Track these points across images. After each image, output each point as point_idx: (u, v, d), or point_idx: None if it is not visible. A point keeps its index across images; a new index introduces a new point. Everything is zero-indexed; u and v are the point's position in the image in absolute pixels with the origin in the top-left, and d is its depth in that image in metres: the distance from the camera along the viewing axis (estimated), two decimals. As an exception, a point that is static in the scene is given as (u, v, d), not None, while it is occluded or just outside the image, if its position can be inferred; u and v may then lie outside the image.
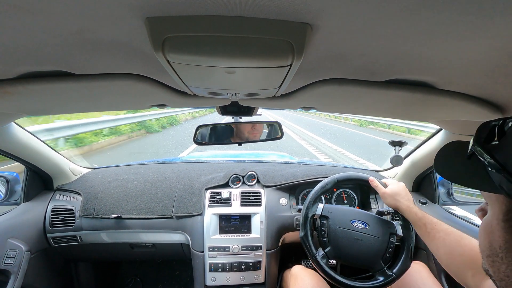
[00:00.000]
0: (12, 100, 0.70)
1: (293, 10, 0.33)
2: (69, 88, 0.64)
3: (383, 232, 1.04)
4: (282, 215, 1.36)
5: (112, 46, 0.45)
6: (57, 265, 1.46)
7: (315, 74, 0.60)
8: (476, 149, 0.38)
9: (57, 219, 1.35)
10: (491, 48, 0.39)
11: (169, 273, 1.96)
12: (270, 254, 1.31)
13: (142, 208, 1.37)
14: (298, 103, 0.88)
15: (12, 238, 1.19)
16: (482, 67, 0.47)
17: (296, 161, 1.89)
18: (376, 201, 1.48)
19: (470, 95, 0.63)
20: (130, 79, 0.61)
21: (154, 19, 0.35)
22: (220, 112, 1.03)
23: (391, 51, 0.45)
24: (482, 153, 0.37)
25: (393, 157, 1.26)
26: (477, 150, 0.38)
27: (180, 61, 0.43)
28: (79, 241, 1.38)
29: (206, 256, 1.28)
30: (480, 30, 0.34)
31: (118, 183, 1.46)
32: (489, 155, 0.36)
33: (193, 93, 0.73)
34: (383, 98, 0.70)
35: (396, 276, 0.98)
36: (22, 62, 0.51)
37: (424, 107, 0.76)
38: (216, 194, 1.40)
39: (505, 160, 0.34)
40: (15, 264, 1.15)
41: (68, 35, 0.40)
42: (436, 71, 0.53)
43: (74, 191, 1.43)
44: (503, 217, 0.36)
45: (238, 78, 0.54)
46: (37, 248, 1.29)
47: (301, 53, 0.41)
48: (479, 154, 0.37)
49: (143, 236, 1.39)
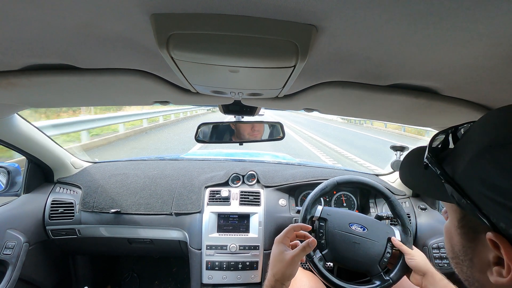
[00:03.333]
0: (16, 92, 0.70)
1: (298, 11, 0.33)
2: (73, 82, 0.64)
3: (382, 236, 1.04)
4: (280, 216, 1.36)
5: (117, 42, 0.45)
6: (55, 258, 1.47)
7: (318, 76, 0.60)
8: (429, 159, 0.40)
9: (57, 211, 1.35)
10: (496, 55, 0.39)
11: (166, 269, 1.96)
12: (268, 254, 1.31)
13: (141, 203, 1.38)
14: (301, 105, 0.88)
15: (11, 229, 1.19)
16: (487, 74, 0.47)
17: (297, 162, 1.89)
18: (376, 205, 1.48)
19: (474, 102, 0.63)
20: (134, 75, 0.61)
21: (159, 16, 0.35)
22: (223, 110, 1.03)
23: (396, 56, 0.44)
24: (434, 164, 0.38)
25: (394, 161, 1.26)
26: (430, 161, 0.39)
27: (185, 59, 0.43)
28: (77, 234, 1.38)
29: (203, 254, 1.28)
30: (485, 37, 0.34)
31: (118, 178, 1.46)
32: (439, 166, 0.37)
33: (196, 91, 0.73)
34: (387, 102, 0.70)
35: (393, 281, 0.98)
36: (27, 54, 0.51)
37: (427, 113, 0.75)
38: (216, 193, 1.40)
39: (453, 171, 0.36)
40: (13, 255, 1.15)
41: (73, 29, 0.40)
42: (440, 77, 0.53)
43: (74, 184, 1.44)
44: (458, 224, 0.38)
45: (241, 78, 0.54)
46: (36, 239, 1.30)
47: (305, 55, 0.40)
48: (431, 165, 0.39)
49: (141, 231, 1.39)
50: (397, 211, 1.09)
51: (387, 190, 1.14)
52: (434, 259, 1.21)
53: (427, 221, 1.35)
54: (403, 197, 1.48)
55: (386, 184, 1.53)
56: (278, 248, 0.71)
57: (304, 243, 0.69)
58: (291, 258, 0.67)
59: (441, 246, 1.23)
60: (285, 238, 0.75)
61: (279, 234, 0.76)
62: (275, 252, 0.71)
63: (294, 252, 0.68)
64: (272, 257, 0.72)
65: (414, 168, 0.46)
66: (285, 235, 0.75)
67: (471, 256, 0.36)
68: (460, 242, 0.38)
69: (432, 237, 1.27)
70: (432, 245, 1.24)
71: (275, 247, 0.72)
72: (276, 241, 0.74)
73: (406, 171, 0.49)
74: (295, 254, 0.68)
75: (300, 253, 0.68)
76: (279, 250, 0.70)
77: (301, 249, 0.68)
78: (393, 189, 1.49)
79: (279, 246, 0.72)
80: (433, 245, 1.24)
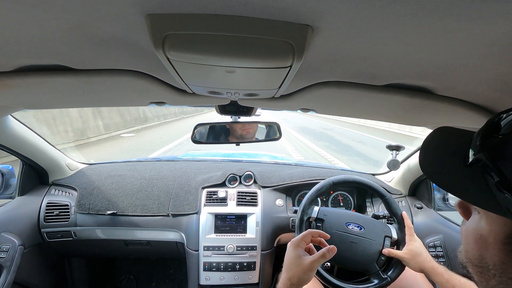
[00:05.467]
0: (10, 93, 0.69)
1: (294, 11, 0.33)
2: (68, 83, 0.63)
3: (378, 235, 1.05)
4: (278, 216, 1.36)
5: (112, 42, 0.45)
6: (50, 260, 1.45)
7: (315, 76, 0.60)
8: (482, 161, 0.32)
9: (52, 214, 1.34)
10: (490, 55, 0.39)
11: (163, 271, 1.95)
12: (265, 254, 1.31)
13: (138, 205, 1.37)
14: (297, 105, 0.88)
15: (6, 232, 1.18)
16: (481, 74, 0.47)
17: (293, 162, 1.89)
18: (372, 205, 1.49)
19: (469, 102, 0.63)
20: (129, 76, 0.61)
21: (155, 16, 0.35)
22: (219, 111, 1.03)
23: (392, 56, 0.45)
24: (490, 168, 0.30)
25: (390, 161, 1.27)
26: (484, 163, 0.31)
27: (180, 59, 0.43)
28: (73, 236, 1.37)
29: (200, 255, 1.27)
30: (479, 37, 0.35)
31: (114, 179, 1.45)
32: (498, 172, 0.30)
33: (192, 92, 0.73)
34: (382, 102, 0.70)
35: (391, 279, 0.98)
36: (21, 55, 0.51)
37: (422, 112, 0.76)
38: (213, 193, 1.40)
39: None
40: (8, 258, 1.14)
41: (68, 29, 0.39)
42: (435, 77, 0.53)
43: (69, 186, 1.42)
44: (505, 240, 0.32)
45: (237, 78, 0.54)
46: (31, 242, 1.28)
47: (301, 55, 0.41)
48: (485, 169, 0.31)
49: (138, 233, 1.38)
50: (393, 210, 1.09)
51: (383, 189, 1.15)
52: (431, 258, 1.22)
53: (423, 220, 1.36)
54: (399, 196, 1.49)
55: (382, 183, 1.54)
56: (295, 252, 0.68)
57: (325, 249, 0.67)
58: (309, 263, 0.65)
59: (437, 244, 1.24)
60: (302, 242, 0.71)
61: (295, 237, 0.73)
62: (292, 255, 0.68)
63: (313, 257, 0.66)
64: (288, 260, 0.69)
65: (445, 159, 0.37)
66: (302, 239, 0.71)
67: (511, 275, 0.32)
68: (500, 258, 0.33)
69: (429, 236, 1.28)
70: (428, 243, 1.25)
71: (291, 251, 0.69)
72: (292, 244, 0.71)
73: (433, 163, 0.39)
74: (314, 260, 0.65)
75: (319, 259, 0.66)
76: (296, 254, 0.68)
77: (320, 255, 0.66)
78: (389, 188, 1.50)
79: (296, 250, 0.68)
80: (429, 244, 1.25)
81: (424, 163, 0.39)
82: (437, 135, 0.41)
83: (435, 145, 0.40)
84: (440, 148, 0.39)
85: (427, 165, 0.39)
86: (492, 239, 0.33)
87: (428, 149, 0.40)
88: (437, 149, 0.40)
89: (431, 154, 0.40)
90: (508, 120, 0.32)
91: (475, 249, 0.36)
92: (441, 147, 0.39)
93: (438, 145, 0.40)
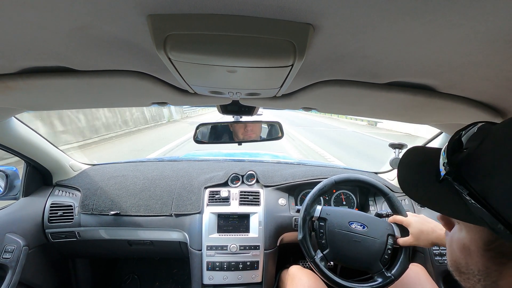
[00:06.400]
0: (13, 95, 0.70)
1: (295, 10, 0.33)
2: (70, 84, 0.64)
3: (382, 233, 1.04)
4: (280, 215, 1.36)
5: (114, 43, 0.45)
6: (55, 261, 1.46)
7: (316, 74, 0.60)
8: (451, 174, 0.34)
9: (56, 214, 1.35)
10: (492, 52, 0.39)
11: (166, 271, 1.96)
12: (268, 254, 1.31)
13: (141, 205, 1.37)
14: (299, 104, 0.88)
15: (10, 232, 1.19)
16: (483, 71, 0.47)
17: (296, 161, 1.89)
18: (375, 203, 1.48)
19: (471, 99, 0.63)
20: (131, 76, 0.61)
21: (156, 17, 0.35)
22: (221, 111, 1.03)
23: (393, 54, 0.44)
24: (459, 181, 0.33)
25: (392, 159, 1.26)
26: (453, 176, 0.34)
27: (182, 59, 0.43)
28: (77, 237, 1.38)
29: (204, 254, 1.28)
30: (481, 34, 0.34)
31: (117, 180, 1.46)
32: (466, 184, 0.32)
33: (194, 92, 0.73)
34: (384, 100, 0.70)
35: (394, 277, 0.98)
36: (23, 57, 0.51)
37: (424, 110, 0.76)
38: (215, 193, 1.40)
39: (485, 190, 0.31)
40: (13, 258, 1.15)
41: (70, 31, 0.40)
42: (437, 74, 0.53)
43: (73, 187, 1.43)
44: (484, 247, 0.34)
45: (239, 77, 0.54)
46: (35, 243, 1.29)
47: (303, 54, 0.41)
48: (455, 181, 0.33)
49: (141, 233, 1.39)
50: (396, 207, 1.09)
51: (386, 187, 1.14)
52: (434, 256, 1.21)
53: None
54: (402, 194, 1.49)
55: (385, 181, 1.53)
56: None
57: None
58: None
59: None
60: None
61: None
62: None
63: None
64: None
65: (420, 178, 0.40)
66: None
67: (495, 279, 0.34)
68: (484, 263, 0.34)
69: None
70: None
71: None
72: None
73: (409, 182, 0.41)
74: None
75: None
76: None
77: None
78: (392, 187, 1.49)
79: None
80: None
81: (402, 182, 0.42)
82: (410, 155, 0.44)
83: (410, 164, 0.43)
84: (414, 167, 0.42)
85: (405, 184, 0.42)
86: (474, 247, 0.35)
87: (403, 169, 0.43)
88: (412, 168, 0.42)
89: (407, 173, 0.43)
90: (468, 136, 0.35)
91: (460, 257, 0.38)
92: (414, 166, 0.42)
93: (412, 165, 0.43)
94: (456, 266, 0.39)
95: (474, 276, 0.36)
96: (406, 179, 0.42)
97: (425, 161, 0.41)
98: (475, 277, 0.36)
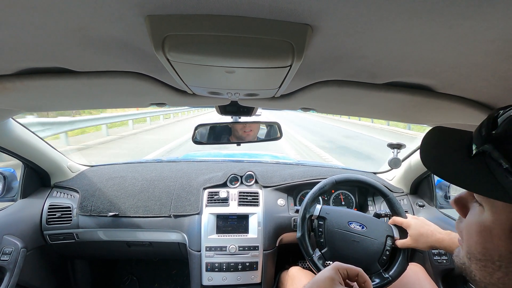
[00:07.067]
0: (10, 96, 0.70)
1: (293, 10, 0.33)
2: (68, 85, 0.63)
3: (380, 234, 1.05)
4: (279, 216, 1.36)
5: (112, 44, 0.45)
6: (53, 263, 1.46)
7: (315, 75, 0.60)
8: (489, 150, 0.33)
9: (54, 216, 1.34)
10: (490, 52, 0.39)
11: (165, 272, 1.95)
12: (267, 254, 1.31)
13: (139, 206, 1.37)
14: (298, 104, 0.88)
15: (8, 234, 1.18)
16: (481, 71, 0.47)
17: (295, 161, 1.89)
18: (374, 203, 1.48)
19: (469, 99, 0.63)
20: (129, 77, 0.61)
21: (154, 17, 0.35)
22: (220, 111, 1.03)
23: (391, 54, 0.45)
24: (497, 156, 0.32)
25: (391, 159, 1.26)
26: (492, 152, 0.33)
27: (180, 60, 0.43)
28: (75, 238, 1.37)
29: (203, 255, 1.27)
30: (479, 34, 0.35)
31: (115, 181, 1.45)
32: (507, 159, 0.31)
33: (192, 92, 0.73)
34: (383, 100, 0.70)
35: (392, 278, 0.98)
36: (21, 58, 0.51)
37: (423, 110, 0.76)
38: (214, 194, 1.40)
39: None
40: (11, 260, 1.14)
41: (67, 32, 0.39)
42: (435, 75, 0.53)
43: (71, 188, 1.43)
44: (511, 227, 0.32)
45: (237, 78, 0.54)
46: (33, 245, 1.29)
47: (301, 54, 0.41)
48: (493, 157, 0.32)
49: (140, 234, 1.39)
50: (395, 209, 1.09)
51: (385, 188, 1.14)
52: (433, 255, 1.22)
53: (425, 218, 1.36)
54: (401, 194, 1.49)
55: (384, 182, 1.54)
56: (334, 277, 0.61)
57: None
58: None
59: None
60: (345, 271, 0.64)
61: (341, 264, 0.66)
62: (328, 276, 0.61)
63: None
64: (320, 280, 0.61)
65: (449, 154, 0.38)
66: (347, 269, 0.64)
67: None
68: (508, 248, 0.33)
69: None
70: None
71: (330, 273, 0.62)
72: (334, 267, 0.63)
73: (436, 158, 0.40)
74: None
75: None
76: (333, 277, 0.61)
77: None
78: (391, 187, 1.50)
79: (335, 276, 0.61)
80: None
81: (427, 161, 0.40)
82: (435, 134, 0.43)
83: (435, 142, 0.42)
84: (441, 145, 0.40)
85: (431, 162, 0.40)
86: (497, 229, 0.34)
87: (428, 147, 0.42)
88: (438, 146, 0.41)
89: (432, 152, 0.41)
90: (506, 116, 0.34)
91: (478, 242, 0.36)
92: (441, 144, 0.41)
93: (438, 143, 0.41)
94: (472, 253, 0.38)
95: (493, 263, 0.34)
96: (432, 156, 0.40)
97: (452, 138, 0.40)
98: (494, 263, 0.34)
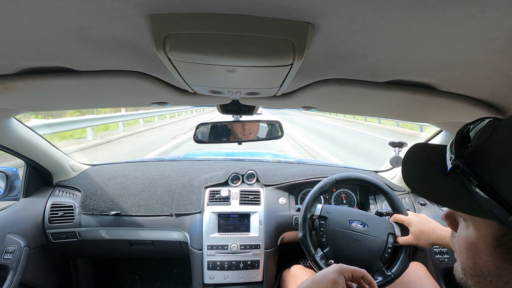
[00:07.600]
0: (13, 96, 0.70)
1: (294, 9, 0.33)
2: (70, 85, 0.64)
3: (382, 232, 1.05)
4: (281, 215, 1.37)
5: (113, 43, 0.45)
6: (55, 261, 1.46)
7: (316, 74, 0.60)
8: (460, 167, 0.33)
9: (56, 215, 1.35)
10: (492, 50, 0.39)
11: (167, 270, 1.96)
12: (269, 253, 1.31)
13: (141, 205, 1.38)
14: (299, 103, 0.88)
15: (11, 233, 1.19)
16: (483, 69, 0.47)
17: (296, 160, 1.89)
18: (375, 202, 1.48)
19: (471, 97, 0.63)
20: (131, 77, 0.61)
21: (155, 17, 0.35)
22: (221, 110, 1.03)
23: (393, 52, 0.44)
24: (468, 173, 0.32)
25: (393, 158, 1.26)
26: (462, 169, 0.33)
27: (182, 59, 0.43)
28: (78, 237, 1.38)
29: (204, 254, 1.28)
30: (481, 33, 0.34)
31: (117, 180, 1.46)
32: (476, 176, 0.31)
33: (193, 91, 0.73)
34: (384, 98, 0.70)
35: (394, 276, 0.98)
36: (23, 58, 0.51)
37: (424, 109, 0.76)
38: (216, 193, 1.40)
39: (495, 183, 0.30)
40: (14, 259, 1.15)
41: (69, 31, 0.40)
42: (437, 73, 0.53)
43: (73, 187, 1.43)
44: (494, 243, 0.33)
45: (239, 77, 0.54)
46: (36, 243, 1.29)
47: (302, 53, 0.40)
48: (463, 174, 0.33)
49: (142, 233, 1.39)
50: (396, 206, 1.09)
51: (386, 186, 1.14)
52: (435, 254, 1.22)
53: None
54: (403, 193, 1.49)
55: (385, 180, 1.53)
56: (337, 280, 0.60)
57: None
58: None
59: None
60: (349, 273, 0.64)
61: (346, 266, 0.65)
62: (331, 279, 0.60)
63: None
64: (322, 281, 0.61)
65: (427, 172, 0.39)
66: (352, 272, 0.64)
67: (507, 279, 0.32)
68: (494, 262, 0.33)
69: None
70: None
71: (334, 275, 0.61)
72: (339, 270, 0.63)
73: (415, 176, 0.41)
74: None
75: None
76: (334, 281, 0.60)
77: None
78: (392, 185, 1.49)
79: (339, 279, 0.61)
80: None
81: (407, 178, 0.41)
82: (415, 151, 0.44)
83: (414, 160, 0.43)
84: (419, 163, 0.42)
85: (411, 179, 0.41)
86: (482, 244, 0.34)
87: (408, 165, 0.43)
88: (417, 164, 0.42)
89: (412, 169, 0.42)
90: (476, 130, 0.36)
91: (468, 258, 0.37)
92: (419, 162, 0.42)
93: (417, 161, 0.42)
94: (465, 269, 0.38)
95: (484, 278, 0.34)
96: (412, 175, 0.42)
97: (430, 156, 0.40)
98: (486, 279, 0.34)
